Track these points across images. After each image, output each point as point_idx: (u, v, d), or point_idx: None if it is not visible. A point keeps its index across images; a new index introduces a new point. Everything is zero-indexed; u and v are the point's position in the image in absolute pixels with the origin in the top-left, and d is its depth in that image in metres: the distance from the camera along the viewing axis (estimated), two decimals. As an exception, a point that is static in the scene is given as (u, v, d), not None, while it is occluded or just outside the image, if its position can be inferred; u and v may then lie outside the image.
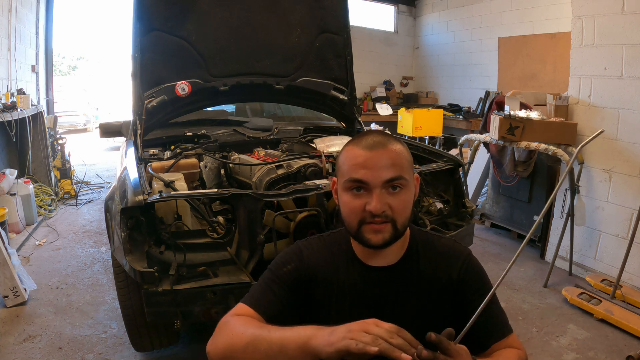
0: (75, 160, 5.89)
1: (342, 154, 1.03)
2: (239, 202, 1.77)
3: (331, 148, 2.57)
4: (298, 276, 1.06)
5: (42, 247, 3.72)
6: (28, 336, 2.41)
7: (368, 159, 0.95)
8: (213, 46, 2.60)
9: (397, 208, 0.96)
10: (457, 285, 1.05)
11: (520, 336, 2.44)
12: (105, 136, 2.98)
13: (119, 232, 1.67)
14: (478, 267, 1.09)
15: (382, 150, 0.96)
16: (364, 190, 0.96)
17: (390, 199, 0.96)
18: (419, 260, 1.06)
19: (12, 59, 4.59)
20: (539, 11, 5.67)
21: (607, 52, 2.96)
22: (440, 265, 1.06)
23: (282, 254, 1.12)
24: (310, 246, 1.12)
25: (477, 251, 3.62)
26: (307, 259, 1.09)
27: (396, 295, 1.05)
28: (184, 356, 2.30)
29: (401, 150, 0.99)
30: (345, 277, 1.07)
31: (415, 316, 1.03)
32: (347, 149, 1.01)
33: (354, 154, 0.98)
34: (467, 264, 1.07)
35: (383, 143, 0.98)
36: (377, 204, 0.94)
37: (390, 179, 0.95)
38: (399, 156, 0.98)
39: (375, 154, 0.96)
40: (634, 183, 2.89)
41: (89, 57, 22.36)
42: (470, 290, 1.04)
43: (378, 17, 8.13)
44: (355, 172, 0.96)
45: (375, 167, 0.95)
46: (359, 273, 1.06)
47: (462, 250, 1.10)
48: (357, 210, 0.96)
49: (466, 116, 6.50)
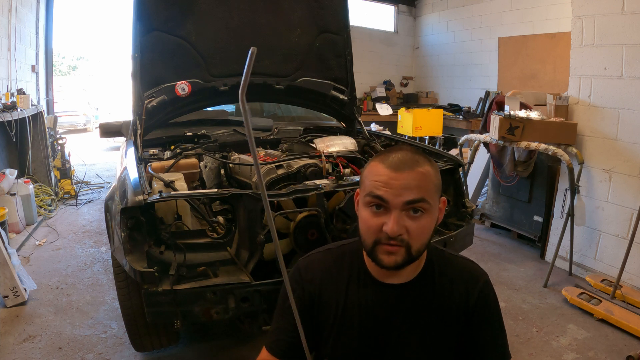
0: (75, 160, 5.89)
1: (366, 168, 0.99)
2: (239, 202, 1.77)
3: (331, 148, 2.57)
4: (302, 303, 1.06)
5: (42, 247, 3.72)
6: (28, 336, 2.41)
7: (391, 179, 0.91)
8: (213, 46, 2.60)
9: (415, 233, 0.92)
10: (470, 312, 1.02)
11: (520, 336, 2.45)
12: (105, 136, 2.98)
13: (119, 232, 1.67)
14: (493, 298, 1.06)
15: (408, 172, 0.92)
16: (383, 208, 0.92)
17: (409, 223, 0.92)
18: (434, 279, 1.04)
19: (12, 59, 4.59)
20: (539, 11, 5.67)
21: (607, 52, 2.96)
22: (456, 287, 1.03)
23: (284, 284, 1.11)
24: (312, 265, 1.10)
25: (477, 251, 3.63)
26: (308, 283, 1.07)
27: (407, 313, 1.02)
28: (184, 356, 2.30)
29: (428, 172, 0.94)
30: (355, 293, 1.04)
31: (424, 334, 1.02)
32: (373, 164, 0.97)
33: (377, 171, 0.94)
34: (484, 292, 1.04)
35: (410, 164, 0.93)
36: (394, 226, 0.90)
37: (411, 200, 0.91)
38: (425, 179, 0.93)
39: (399, 175, 0.91)
40: (634, 183, 2.89)
41: (89, 57, 22.42)
42: (481, 322, 1.03)
43: (378, 17, 8.13)
44: (377, 189, 0.92)
45: (397, 187, 0.91)
46: (371, 289, 1.03)
47: (480, 275, 1.06)
48: (373, 228, 0.93)
49: (466, 116, 6.50)
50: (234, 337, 2.46)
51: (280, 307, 1.11)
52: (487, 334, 1.03)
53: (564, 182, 3.31)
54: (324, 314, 1.06)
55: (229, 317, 1.70)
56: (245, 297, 1.69)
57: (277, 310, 1.12)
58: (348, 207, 1.92)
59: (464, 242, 2.33)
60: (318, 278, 1.07)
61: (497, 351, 1.03)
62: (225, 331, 2.51)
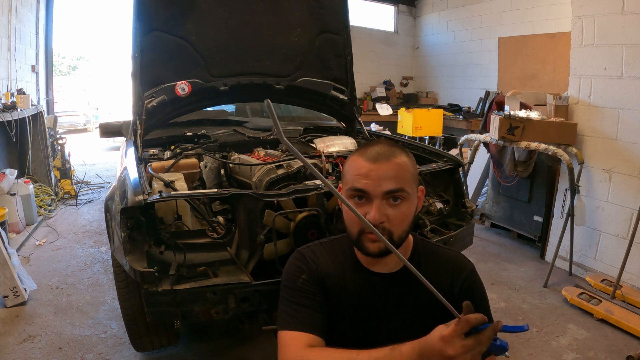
0: (75, 160, 5.89)
1: (347, 163, 1.05)
2: (239, 202, 1.77)
3: (331, 148, 2.57)
4: (314, 281, 1.08)
5: (42, 247, 3.72)
6: (28, 336, 2.41)
7: (370, 170, 0.97)
8: (213, 46, 2.60)
9: (395, 220, 0.98)
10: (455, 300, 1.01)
11: (520, 336, 2.44)
12: (105, 136, 2.97)
13: (119, 232, 1.67)
14: (480, 286, 1.10)
15: (385, 163, 0.98)
16: (365, 199, 0.98)
17: (389, 210, 0.98)
18: (419, 269, 1.04)
19: (12, 59, 4.59)
20: (539, 11, 5.67)
21: (607, 52, 2.96)
22: (442, 275, 1.07)
23: (288, 268, 1.12)
24: (313, 252, 1.14)
25: (477, 251, 3.63)
26: (314, 265, 1.10)
27: (396, 301, 1.06)
28: (184, 356, 2.30)
29: (405, 163, 1.00)
30: (352, 282, 1.08)
31: (414, 322, 1.05)
32: (353, 158, 1.03)
33: (357, 164, 1.00)
34: (470, 280, 1.08)
35: (387, 155, 0.99)
36: (376, 214, 0.96)
37: (390, 190, 0.97)
38: (402, 169, 0.99)
39: (378, 166, 0.98)
40: (634, 183, 2.89)
41: (89, 57, 22.42)
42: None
43: (378, 17, 8.13)
44: (357, 182, 0.98)
45: (376, 178, 0.97)
46: (364, 278, 1.08)
47: (466, 264, 1.11)
48: (357, 219, 0.97)
49: (466, 116, 6.50)
50: (234, 337, 2.45)
51: (289, 288, 1.08)
52: None
53: (564, 182, 3.31)
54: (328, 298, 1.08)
55: (229, 317, 1.70)
56: (245, 297, 1.69)
57: (287, 292, 1.08)
58: (348, 207, 1.92)
59: (464, 242, 2.33)
60: (321, 264, 1.11)
61: None
62: (225, 331, 2.51)
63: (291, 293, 1.08)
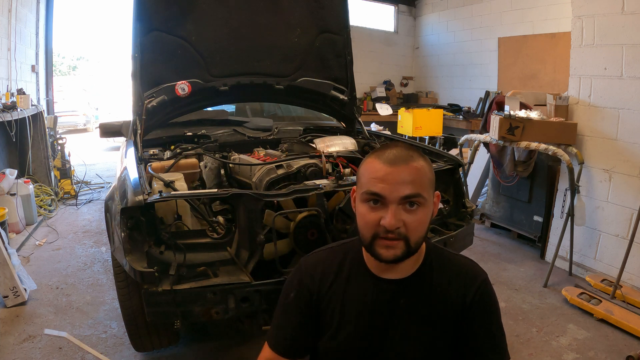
0: (75, 160, 5.89)
1: (362, 165, 1.02)
2: (239, 202, 1.77)
3: (331, 148, 2.57)
4: (302, 300, 1.09)
5: (42, 247, 3.72)
6: (28, 336, 2.41)
7: (387, 174, 0.94)
8: (213, 46, 2.60)
9: (412, 226, 0.94)
10: (467, 310, 1.02)
11: (520, 336, 2.45)
12: (105, 136, 2.97)
13: (119, 232, 1.67)
14: (491, 297, 1.06)
15: (403, 166, 0.95)
16: (380, 204, 0.95)
17: (405, 216, 0.94)
18: (432, 276, 1.05)
19: (12, 59, 4.59)
20: (539, 11, 5.68)
21: (607, 52, 2.96)
22: (454, 284, 1.04)
23: (287, 280, 1.16)
24: (314, 262, 1.13)
25: (477, 251, 3.63)
26: (308, 278, 1.10)
27: (405, 308, 1.03)
28: (184, 356, 2.30)
29: (423, 167, 0.97)
30: (354, 288, 1.06)
31: (421, 330, 1.03)
32: (369, 160, 1.00)
33: (374, 167, 0.97)
34: (482, 290, 1.04)
35: (405, 159, 0.96)
36: (392, 219, 0.92)
37: (407, 195, 0.93)
38: (420, 173, 0.96)
39: (395, 170, 0.94)
40: (634, 183, 2.89)
41: (89, 57, 22.42)
42: (478, 320, 1.02)
43: (378, 17, 8.13)
44: (374, 185, 0.95)
45: (393, 183, 0.93)
46: (369, 284, 1.05)
47: (479, 273, 1.07)
48: (371, 223, 0.95)
49: (466, 116, 6.50)
50: (234, 337, 2.46)
51: (281, 304, 1.13)
52: (484, 333, 1.02)
53: (564, 182, 3.31)
54: (324, 310, 1.08)
55: (229, 317, 1.70)
56: (245, 297, 1.69)
57: (279, 307, 1.14)
58: (348, 207, 1.92)
59: (464, 242, 2.34)
60: (319, 275, 1.09)
61: (495, 351, 1.02)
62: (225, 331, 2.51)
63: (281, 308, 1.13)
